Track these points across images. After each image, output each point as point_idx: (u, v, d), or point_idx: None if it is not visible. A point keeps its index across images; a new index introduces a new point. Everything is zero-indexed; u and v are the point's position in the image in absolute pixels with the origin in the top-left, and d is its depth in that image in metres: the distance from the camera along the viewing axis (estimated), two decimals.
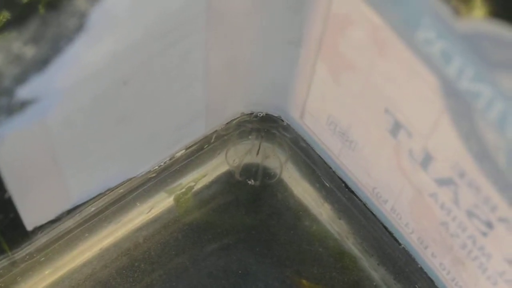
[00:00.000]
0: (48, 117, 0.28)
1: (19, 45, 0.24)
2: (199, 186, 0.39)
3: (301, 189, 0.39)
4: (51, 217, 0.34)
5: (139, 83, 0.30)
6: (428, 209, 0.32)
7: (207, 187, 0.39)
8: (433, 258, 0.34)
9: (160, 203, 0.39)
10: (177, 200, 0.39)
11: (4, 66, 0.25)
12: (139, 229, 0.38)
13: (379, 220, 0.36)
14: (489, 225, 0.29)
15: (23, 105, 0.26)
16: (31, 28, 0.24)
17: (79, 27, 0.25)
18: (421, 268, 0.35)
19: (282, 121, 0.38)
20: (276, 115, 0.38)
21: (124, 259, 0.38)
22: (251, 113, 0.38)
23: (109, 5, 0.25)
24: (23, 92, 0.26)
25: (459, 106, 0.26)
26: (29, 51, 0.25)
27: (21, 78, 0.25)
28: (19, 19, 0.25)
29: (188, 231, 0.38)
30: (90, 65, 0.27)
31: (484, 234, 0.29)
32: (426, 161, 0.30)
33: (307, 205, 0.39)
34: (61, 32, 0.25)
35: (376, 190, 0.34)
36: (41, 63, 0.25)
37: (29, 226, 0.34)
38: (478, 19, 0.24)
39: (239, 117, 0.38)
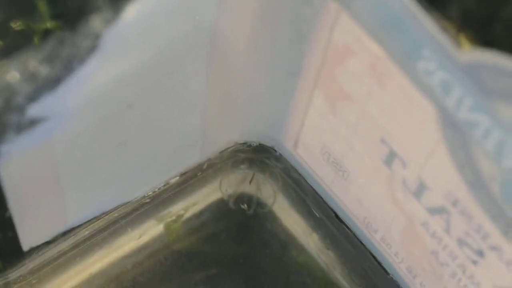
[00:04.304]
0: (54, 136, 0.29)
1: (34, 63, 0.25)
2: (188, 214, 0.40)
3: (291, 219, 0.40)
4: (47, 238, 0.35)
5: (142, 107, 0.31)
6: (419, 238, 0.32)
7: (197, 215, 0.40)
8: None
9: (150, 230, 0.39)
10: (167, 227, 0.39)
11: (19, 84, 0.25)
12: (128, 255, 0.39)
13: (368, 250, 0.37)
14: (480, 253, 0.29)
15: (33, 123, 0.27)
16: (48, 48, 0.25)
17: (92, 48, 0.26)
18: None
19: (275, 151, 0.39)
20: (269, 145, 0.39)
21: (113, 285, 0.38)
22: (245, 143, 0.39)
23: (121, 28, 0.26)
24: (34, 110, 0.26)
25: (456, 135, 0.27)
26: (44, 70, 0.25)
27: (34, 96, 0.26)
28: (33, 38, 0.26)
29: (176, 259, 0.39)
30: (99, 87, 0.28)
31: (475, 262, 0.30)
32: (420, 190, 0.31)
33: (295, 235, 0.39)
34: (75, 52, 0.26)
35: (367, 219, 0.35)
36: (54, 82, 0.26)
37: (25, 247, 0.34)
38: (475, 51, 0.25)
39: (233, 146, 0.39)
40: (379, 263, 0.36)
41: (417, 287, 0.35)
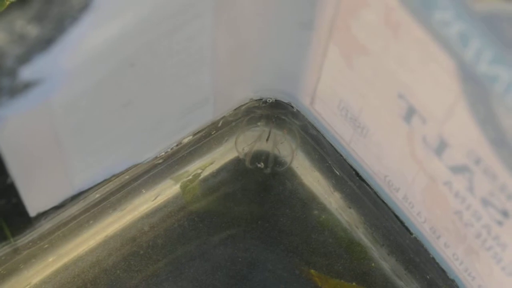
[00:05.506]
0: (52, 99, 0.27)
1: (22, 23, 0.24)
2: (206, 173, 0.39)
3: (311, 177, 0.38)
4: (55, 203, 0.34)
5: (145, 65, 0.30)
6: (442, 197, 0.31)
7: (214, 174, 0.39)
8: (445, 248, 0.33)
9: (166, 190, 0.38)
10: (183, 187, 0.38)
11: (7, 45, 0.24)
12: (145, 216, 0.38)
13: (390, 209, 0.35)
14: (505, 213, 0.28)
15: (27, 86, 0.25)
16: (35, 7, 0.24)
17: (85, 6, 0.24)
18: (433, 258, 0.35)
19: (292, 107, 0.37)
20: (286, 101, 0.37)
21: (129, 247, 0.37)
22: (260, 99, 0.37)
23: None
24: (27, 72, 0.25)
25: (476, 90, 0.25)
26: (33, 30, 0.24)
27: (25, 58, 0.24)
28: None
29: (194, 220, 0.38)
30: (96, 46, 0.26)
31: (500, 223, 0.29)
32: (441, 148, 0.29)
33: (316, 194, 0.38)
34: (66, 11, 0.24)
35: (388, 178, 0.34)
36: (45, 43, 0.24)
37: (32, 212, 0.33)
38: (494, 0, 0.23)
39: (248, 103, 0.37)
40: (402, 222, 0.35)
41: (441, 248, 0.33)
